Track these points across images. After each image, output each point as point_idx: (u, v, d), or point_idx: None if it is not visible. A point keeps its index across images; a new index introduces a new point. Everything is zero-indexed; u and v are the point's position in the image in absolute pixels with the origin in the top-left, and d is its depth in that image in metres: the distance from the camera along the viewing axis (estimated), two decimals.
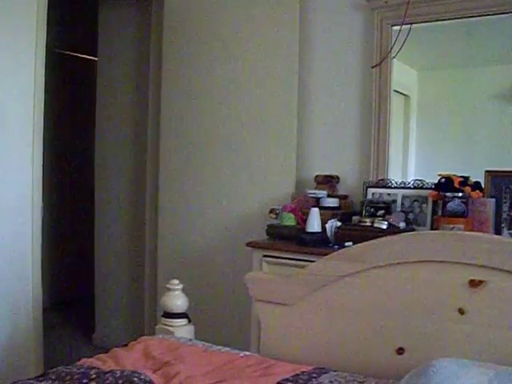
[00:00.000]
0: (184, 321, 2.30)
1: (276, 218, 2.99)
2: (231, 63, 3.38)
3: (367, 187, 2.98)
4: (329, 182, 3.10)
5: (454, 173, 2.61)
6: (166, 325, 2.28)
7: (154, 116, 3.81)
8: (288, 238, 2.82)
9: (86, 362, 1.88)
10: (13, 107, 2.88)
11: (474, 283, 1.76)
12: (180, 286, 2.31)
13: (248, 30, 3.33)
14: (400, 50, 2.92)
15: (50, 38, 3.08)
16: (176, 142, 3.59)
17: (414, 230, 2.63)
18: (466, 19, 2.79)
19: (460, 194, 2.52)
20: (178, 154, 3.58)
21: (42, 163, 3.02)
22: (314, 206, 2.81)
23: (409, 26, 2.89)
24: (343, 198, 3.06)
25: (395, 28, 2.95)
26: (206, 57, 3.47)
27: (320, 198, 2.94)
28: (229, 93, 3.39)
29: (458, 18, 2.80)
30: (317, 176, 3.13)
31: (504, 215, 2.54)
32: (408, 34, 2.88)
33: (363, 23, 3.11)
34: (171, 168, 3.61)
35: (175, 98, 3.59)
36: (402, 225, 2.65)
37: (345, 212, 2.92)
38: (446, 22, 2.84)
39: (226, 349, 2.09)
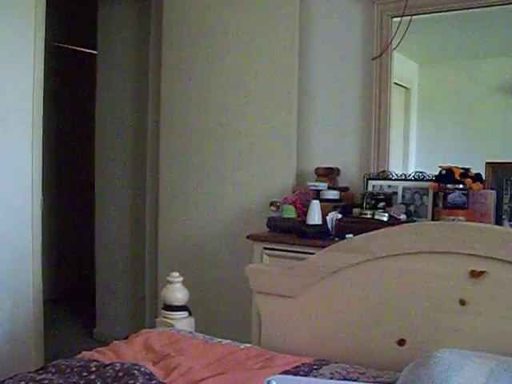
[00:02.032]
0: (184, 313, 2.29)
1: (276, 211, 2.99)
2: (231, 55, 3.37)
3: (368, 179, 2.97)
4: (329, 174, 3.09)
5: (454, 165, 2.60)
6: (166, 317, 2.28)
7: (154, 110, 3.81)
8: (288, 231, 2.82)
9: (86, 354, 1.88)
10: (11, 101, 2.87)
11: (474, 274, 1.75)
12: (180, 279, 2.31)
13: (247, 22, 3.31)
14: (400, 41, 2.91)
15: (48, 32, 3.07)
16: (176, 134, 3.58)
17: (414, 221, 2.62)
18: (467, 10, 2.77)
19: (461, 186, 2.52)
20: (179, 146, 3.58)
21: (41, 158, 3.02)
22: (315, 199, 2.81)
23: (409, 17, 2.87)
24: (344, 190, 3.06)
25: (395, 20, 2.93)
26: (206, 50, 3.45)
27: (320, 190, 2.94)
28: (229, 85, 3.38)
29: (459, 10, 2.78)
30: (317, 168, 3.12)
31: (505, 207, 2.54)
32: (408, 26, 2.87)
33: (363, 15, 3.10)
34: (172, 161, 3.61)
35: (175, 92, 3.58)
36: (402, 217, 2.65)
37: (345, 204, 2.92)
38: (446, 13, 2.83)
39: (227, 341, 2.08)
